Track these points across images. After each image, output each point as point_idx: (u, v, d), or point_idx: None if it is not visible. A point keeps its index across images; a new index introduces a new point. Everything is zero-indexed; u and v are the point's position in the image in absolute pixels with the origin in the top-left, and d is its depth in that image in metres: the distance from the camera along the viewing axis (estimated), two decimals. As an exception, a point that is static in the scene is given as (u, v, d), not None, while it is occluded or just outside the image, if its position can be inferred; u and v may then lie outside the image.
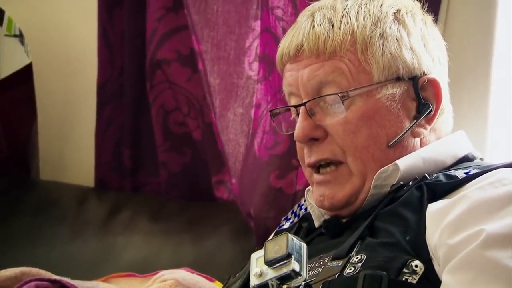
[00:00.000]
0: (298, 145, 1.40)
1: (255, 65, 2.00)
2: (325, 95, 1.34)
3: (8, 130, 2.45)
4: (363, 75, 1.33)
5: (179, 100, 2.22)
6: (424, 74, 1.36)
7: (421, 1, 1.44)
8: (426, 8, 1.44)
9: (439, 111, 1.37)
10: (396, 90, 1.34)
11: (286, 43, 1.39)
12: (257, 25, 1.99)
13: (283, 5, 1.87)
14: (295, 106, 1.38)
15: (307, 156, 1.37)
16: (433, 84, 1.37)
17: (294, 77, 1.37)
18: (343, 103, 1.32)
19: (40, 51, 2.45)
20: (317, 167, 1.37)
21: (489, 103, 1.78)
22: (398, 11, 1.38)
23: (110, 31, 2.31)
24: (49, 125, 2.49)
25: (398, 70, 1.34)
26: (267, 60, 1.93)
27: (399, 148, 1.34)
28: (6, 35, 2.39)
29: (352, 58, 1.34)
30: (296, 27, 1.39)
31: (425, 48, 1.38)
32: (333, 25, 1.35)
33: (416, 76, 1.35)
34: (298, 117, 1.37)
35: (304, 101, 1.36)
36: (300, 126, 1.35)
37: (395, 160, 1.32)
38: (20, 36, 2.38)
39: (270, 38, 1.91)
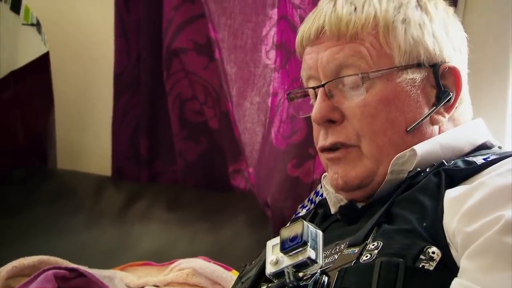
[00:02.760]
0: (314, 127, 1.39)
1: (272, 54, 1.99)
2: (345, 76, 1.33)
3: (25, 119, 2.45)
4: (384, 58, 1.32)
5: (196, 89, 2.22)
6: (445, 62, 1.35)
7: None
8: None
9: (458, 100, 1.36)
10: (416, 75, 1.33)
11: (307, 27, 1.38)
12: (274, 13, 1.99)
13: (300, -7, 1.86)
14: (314, 88, 1.36)
15: (322, 138, 1.36)
16: (454, 73, 1.35)
17: (313, 60, 1.36)
18: (363, 84, 1.31)
19: (57, 40, 2.45)
20: (330, 150, 1.36)
21: (508, 94, 1.76)
22: None
23: (127, 20, 2.31)
24: (66, 114, 2.50)
25: (419, 56, 1.33)
26: (284, 49, 1.92)
27: (417, 134, 1.33)
28: (23, 24, 2.39)
29: (373, 42, 1.33)
30: (317, 11, 1.38)
31: (447, 36, 1.36)
32: (355, 8, 1.34)
33: (437, 63, 1.34)
34: (315, 99, 1.35)
35: (323, 82, 1.35)
36: (318, 107, 1.34)
37: (412, 144, 1.30)
38: (37, 25, 2.38)
39: (287, 26, 1.90)
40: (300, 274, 1.12)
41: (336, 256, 1.21)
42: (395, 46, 1.32)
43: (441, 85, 1.34)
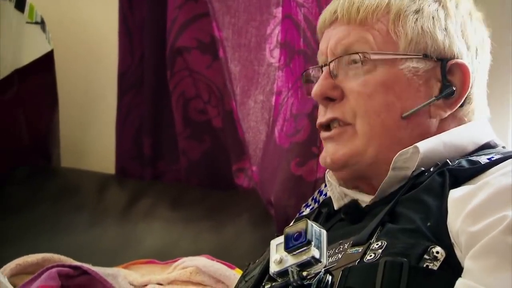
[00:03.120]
0: (319, 108, 1.40)
1: (276, 52, 1.99)
2: (346, 54, 1.34)
3: (29, 118, 2.46)
4: (389, 45, 1.33)
5: (200, 87, 2.22)
6: (455, 58, 1.34)
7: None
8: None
9: (463, 98, 1.35)
10: (420, 65, 1.33)
11: (325, 12, 1.41)
12: (278, 12, 1.99)
13: (305, -8, 1.86)
14: (321, 67, 1.38)
15: (321, 115, 1.38)
16: (462, 69, 1.35)
17: (324, 46, 1.39)
18: (363, 65, 1.33)
19: (61, 38, 2.45)
20: (327, 128, 1.38)
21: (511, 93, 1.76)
22: None
23: (131, 19, 2.32)
24: (70, 112, 2.50)
25: (427, 47, 1.33)
26: (288, 47, 1.92)
27: (413, 123, 1.33)
28: (27, 22, 2.39)
29: (381, 29, 1.34)
30: None
31: (462, 34, 1.36)
32: None
33: (445, 57, 1.34)
34: None
35: (329, 61, 1.37)
36: (319, 83, 1.36)
37: (406, 134, 1.31)
38: (42, 23, 2.39)
39: (291, 25, 1.90)
40: (304, 273, 1.12)
41: (340, 256, 1.21)
42: (403, 34, 1.33)
43: (446, 79, 1.34)
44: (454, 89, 1.34)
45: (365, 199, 1.36)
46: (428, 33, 1.33)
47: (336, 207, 1.40)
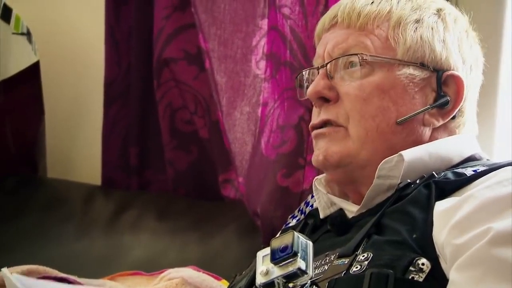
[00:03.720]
0: (313, 111, 1.41)
1: (262, 64, 2.00)
2: (344, 55, 1.35)
3: (16, 128, 2.45)
4: (387, 50, 1.35)
5: (186, 98, 2.22)
6: (451, 70, 1.36)
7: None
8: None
9: (456, 110, 1.37)
10: (417, 72, 1.34)
11: (325, 17, 1.42)
12: (264, 24, 1.99)
13: (291, 3, 1.87)
14: (317, 68, 1.39)
15: (315, 117, 1.38)
16: (457, 82, 1.36)
17: (322, 49, 1.40)
18: (360, 65, 1.33)
19: (47, 49, 2.45)
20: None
21: (497, 104, 1.77)
22: (442, 9, 1.39)
23: (117, 30, 2.32)
24: (56, 123, 2.49)
25: (424, 56, 1.34)
26: (274, 59, 1.93)
27: (407, 129, 1.33)
28: (13, 33, 2.38)
29: (380, 35, 1.35)
30: (338, 3, 1.41)
31: (459, 48, 1.38)
32: (372, 2, 1.37)
33: (442, 68, 1.35)
34: None
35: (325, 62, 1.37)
36: (315, 83, 1.37)
37: (399, 140, 1.32)
38: (28, 34, 2.38)
39: (277, 37, 1.91)
40: (290, 285, 1.12)
41: (326, 267, 1.21)
42: (402, 41, 1.34)
43: (441, 90, 1.35)
44: (449, 99, 1.35)
45: (351, 209, 1.36)
46: (427, 42, 1.35)
47: (322, 215, 1.41)
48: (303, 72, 1.46)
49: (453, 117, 1.37)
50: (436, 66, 1.35)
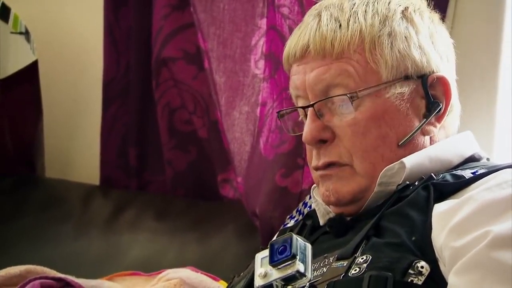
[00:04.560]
0: (307, 147, 1.39)
1: (261, 63, 1.99)
2: (333, 96, 1.33)
3: (14, 128, 2.45)
4: (371, 75, 1.32)
5: (185, 98, 2.21)
6: (433, 72, 1.35)
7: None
8: (432, 6, 1.43)
9: (448, 108, 1.36)
10: (405, 89, 1.33)
11: (293, 43, 1.37)
12: (263, 23, 1.99)
13: (289, 3, 1.86)
14: (303, 107, 1.36)
15: (315, 158, 1.35)
16: (442, 82, 1.35)
17: (301, 81, 1.36)
18: (352, 103, 1.31)
19: (46, 48, 2.45)
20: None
21: (497, 101, 1.77)
22: (406, 9, 1.36)
23: (116, 29, 2.31)
24: (54, 123, 2.49)
25: (407, 69, 1.33)
26: (273, 58, 1.92)
27: (409, 146, 1.33)
28: (12, 32, 2.39)
29: (359, 59, 1.32)
30: (303, 26, 1.38)
31: (433, 46, 1.36)
32: (340, 25, 1.33)
33: (425, 74, 1.34)
34: (306, 118, 1.35)
35: (312, 102, 1.34)
36: (308, 128, 1.34)
37: (404, 156, 1.30)
38: (26, 34, 2.38)
39: (276, 36, 1.90)
40: (289, 288, 1.12)
41: (324, 269, 1.21)
42: (382, 62, 1.32)
43: (430, 95, 1.34)
44: (441, 104, 1.35)
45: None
46: (406, 55, 1.33)
47: (321, 222, 1.40)
48: (285, 110, 1.44)
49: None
50: (420, 73, 1.34)
